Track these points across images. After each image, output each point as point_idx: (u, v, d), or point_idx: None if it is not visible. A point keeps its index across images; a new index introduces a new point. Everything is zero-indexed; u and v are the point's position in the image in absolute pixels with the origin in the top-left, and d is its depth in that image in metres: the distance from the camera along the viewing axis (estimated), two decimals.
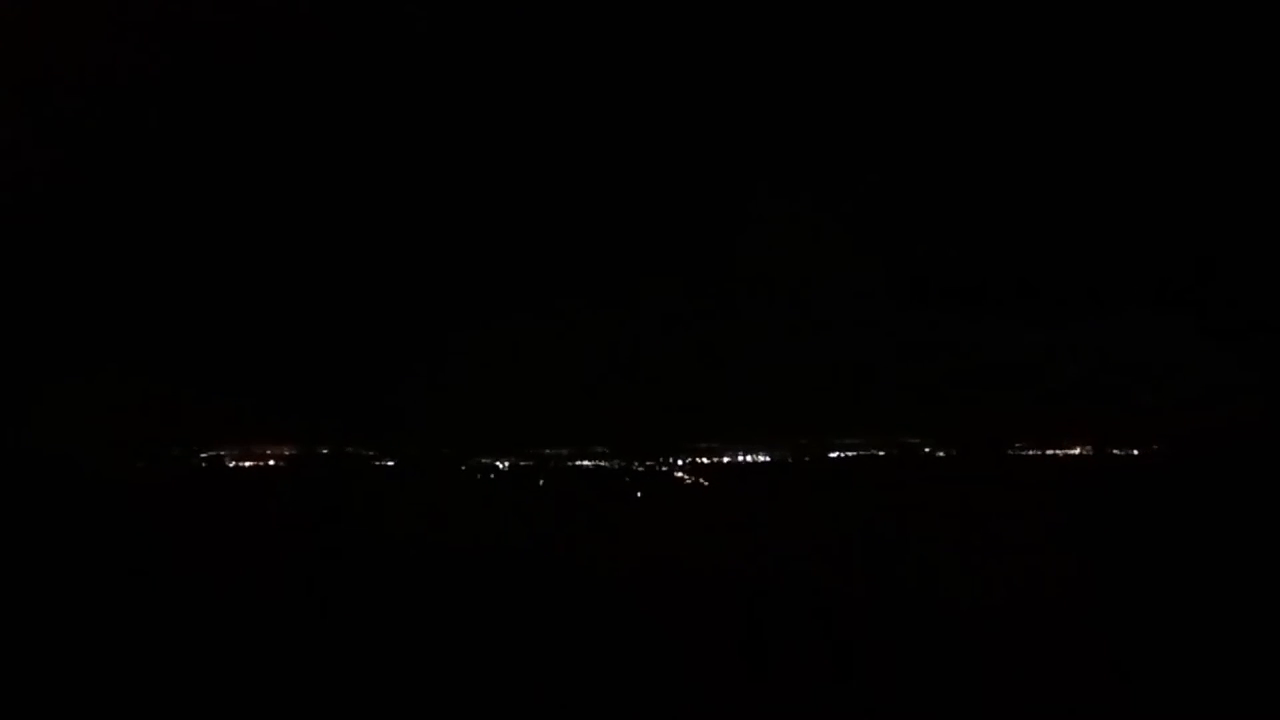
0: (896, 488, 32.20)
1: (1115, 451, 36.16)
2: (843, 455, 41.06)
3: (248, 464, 33.28)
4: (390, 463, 37.15)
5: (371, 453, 37.40)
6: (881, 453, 39.95)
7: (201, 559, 18.04)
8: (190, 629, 14.42)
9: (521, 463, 38.64)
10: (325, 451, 35.66)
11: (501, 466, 39.20)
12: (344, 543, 21.46)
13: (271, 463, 33.38)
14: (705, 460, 41.80)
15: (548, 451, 40.74)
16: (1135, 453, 35.93)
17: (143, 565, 17.08)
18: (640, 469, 39.49)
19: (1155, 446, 35.55)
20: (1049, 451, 39.20)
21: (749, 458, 42.91)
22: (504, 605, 16.53)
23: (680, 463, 40.67)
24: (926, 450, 39.90)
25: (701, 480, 38.23)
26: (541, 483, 36.52)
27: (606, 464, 40.63)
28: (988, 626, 14.12)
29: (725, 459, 42.00)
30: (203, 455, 29.36)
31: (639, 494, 35.37)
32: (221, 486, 27.98)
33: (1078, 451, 38.99)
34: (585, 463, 40.75)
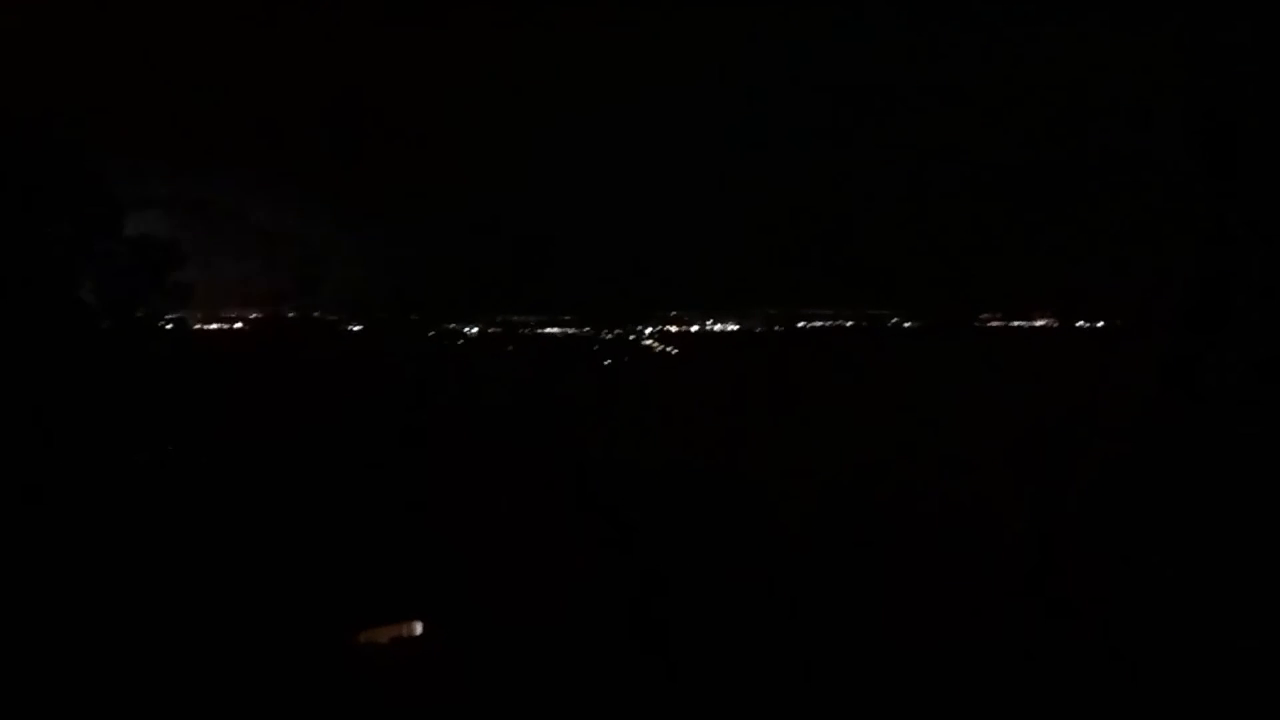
0: (865, 359, 32.54)
1: (1081, 324, 36.53)
2: (811, 325, 41.23)
3: (213, 327, 32.79)
4: (357, 327, 36.81)
5: (337, 318, 37.02)
6: (850, 324, 40.16)
7: (180, 425, 17.94)
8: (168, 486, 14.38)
9: (490, 330, 38.50)
10: (291, 315, 35.23)
11: (470, 333, 39.02)
12: (316, 409, 21.36)
13: (238, 325, 32.95)
14: (674, 329, 41.81)
15: (516, 318, 40.55)
16: (1100, 325, 36.32)
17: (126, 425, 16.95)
18: (609, 336, 39.51)
19: (1119, 321, 35.93)
20: (1015, 324, 39.56)
21: (718, 327, 42.95)
22: (480, 472, 16.63)
23: (649, 331, 40.66)
24: (894, 321, 40.14)
25: (670, 349, 38.34)
26: (510, 349, 36.54)
27: (575, 331, 40.57)
28: (959, 510, 14.38)
29: (694, 328, 42.04)
30: (168, 318, 28.82)
31: (607, 361, 35.53)
32: (190, 350, 27.60)
33: (1042, 324, 39.36)
34: (554, 330, 40.66)
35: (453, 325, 37.92)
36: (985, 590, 11.92)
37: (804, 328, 41.66)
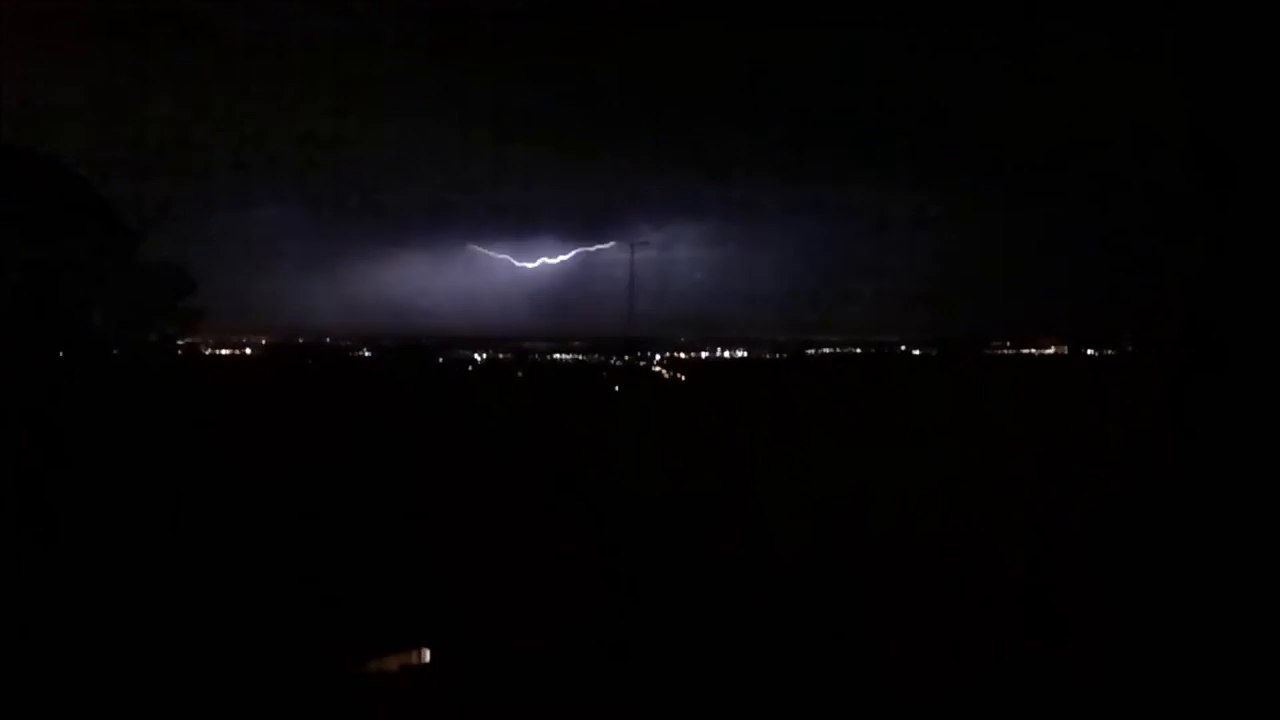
0: (874, 385, 32.48)
1: (1090, 352, 36.51)
2: (820, 353, 41.29)
3: (225, 352, 33.04)
4: (367, 353, 37.03)
5: (348, 343, 37.26)
6: (859, 350, 40.21)
7: (191, 449, 18.06)
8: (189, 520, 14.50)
9: (500, 355, 38.65)
10: (301, 340, 35.48)
11: (479, 358, 39.19)
12: (325, 435, 21.47)
13: (249, 351, 33.19)
14: (683, 355, 41.93)
15: (525, 344, 40.74)
16: (1110, 353, 36.27)
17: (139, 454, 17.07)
18: (618, 363, 39.61)
19: (1130, 347, 35.84)
20: (1025, 351, 39.54)
21: (727, 354, 43.09)
22: (488, 500, 16.70)
23: (658, 357, 40.77)
24: (903, 349, 40.18)
25: (679, 375, 38.43)
26: (520, 374, 36.63)
27: (584, 357, 40.72)
28: (969, 526, 14.38)
29: (703, 354, 42.16)
30: (179, 343, 29.09)
31: (616, 387, 35.57)
32: (202, 374, 27.84)
33: (1051, 351, 39.33)
34: (563, 356, 40.83)
35: (462, 351, 38.10)
36: (985, 618, 11.92)
37: (813, 355, 41.73)
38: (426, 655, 14.38)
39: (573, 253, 37.40)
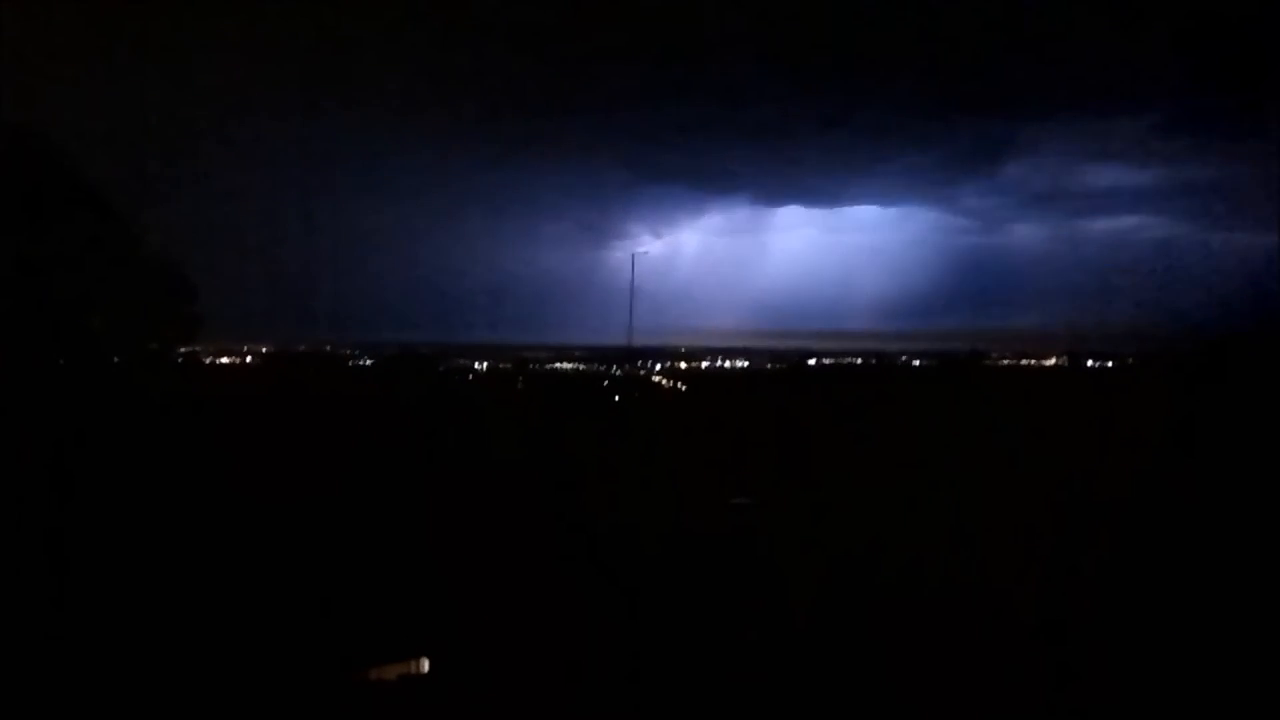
0: (874, 395, 32.52)
1: (1090, 363, 36.58)
2: (820, 363, 41.34)
3: (225, 360, 33.07)
4: (368, 362, 37.05)
5: (349, 351, 37.30)
6: (859, 361, 40.30)
7: (189, 455, 17.98)
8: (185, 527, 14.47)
9: (500, 364, 38.71)
10: (302, 349, 35.51)
11: (479, 368, 39.21)
12: (325, 442, 21.45)
13: (249, 360, 33.23)
14: (683, 365, 41.98)
15: (526, 354, 40.80)
16: (1109, 364, 36.34)
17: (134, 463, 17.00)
18: (618, 372, 39.62)
19: (1130, 359, 35.91)
20: (1024, 362, 39.59)
21: (726, 364, 43.14)
22: (486, 509, 16.70)
23: (658, 367, 40.80)
24: (903, 359, 40.25)
25: (679, 385, 38.44)
26: (520, 383, 36.64)
27: (585, 367, 40.76)
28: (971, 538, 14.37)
29: (703, 364, 42.22)
30: (180, 351, 29.05)
31: (617, 397, 35.53)
32: (202, 382, 27.75)
33: (1053, 362, 39.38)
34: (563, 365, 40.88)
35: (462, 360, 38.13)
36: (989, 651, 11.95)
37: (813, 365, 41.75)
38: (425, 665, 14.43)
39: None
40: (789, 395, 33.92)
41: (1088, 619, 11.98)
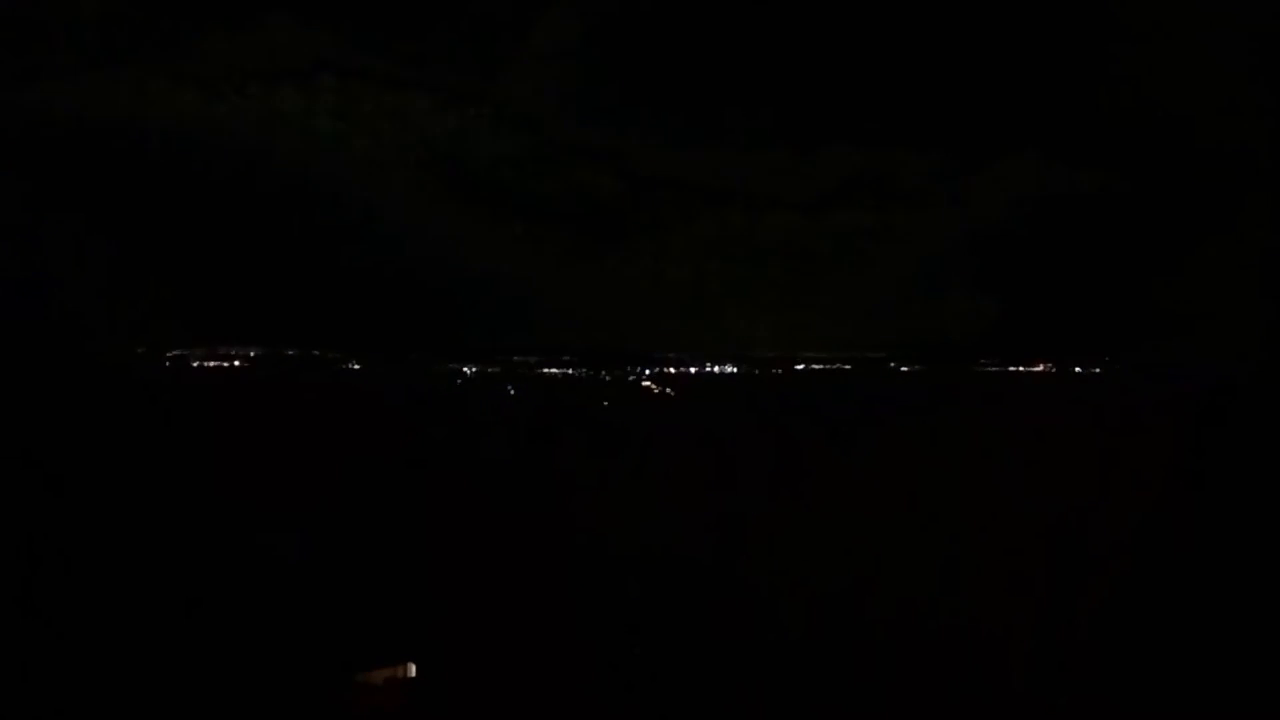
0: (862, 401, 32.54)
1: (1078, 370, 36.59)
2: (809, 368, 41.21)
3: (212, 364, 32.83)
4: (357, 366, 36.83)
5: (337, 355, 37.05)
6: (848, 367, 40.17)
7: (185, 462, 17.88)
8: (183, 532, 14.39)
9: (489, 369, 38.50)
10: (291, 353, 35.28)
11: (469, 372, 39.01)
12: (314, 449, 21.38)
13: (237, 364, 32.98)
14: (672, 370, 41.81)
15: (516, 359, 40.58)
16: (1097, 371, 36.38)
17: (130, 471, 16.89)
18: (608, 378, 39.48)
19: (1116, 365, 35.93)
20: (1012, 369, 39.56)
21: (715, 369, 42.96)
22: (475, 517, 16.63)
23: (648, 372, 40.65)
24: (891, 365, 40.15)
25: (668, 390, 38.34)
26: (510, 390, 36.52)
27: (574, 372, 40.58)
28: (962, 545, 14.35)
29: (692, 369, 42.05)
30: (167, 356, 28.93)
31: (606, 403, 35.49)
32: (190, 388, 27.66)
33: (1040, 369, 39.36)
34: (553, 370, 40.68)
35: (451, 365, 37.93)
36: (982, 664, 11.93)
37: (802, 370, 41.64)
38: (412, 670, 14.33)
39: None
40: (776, 398, 33.99)
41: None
